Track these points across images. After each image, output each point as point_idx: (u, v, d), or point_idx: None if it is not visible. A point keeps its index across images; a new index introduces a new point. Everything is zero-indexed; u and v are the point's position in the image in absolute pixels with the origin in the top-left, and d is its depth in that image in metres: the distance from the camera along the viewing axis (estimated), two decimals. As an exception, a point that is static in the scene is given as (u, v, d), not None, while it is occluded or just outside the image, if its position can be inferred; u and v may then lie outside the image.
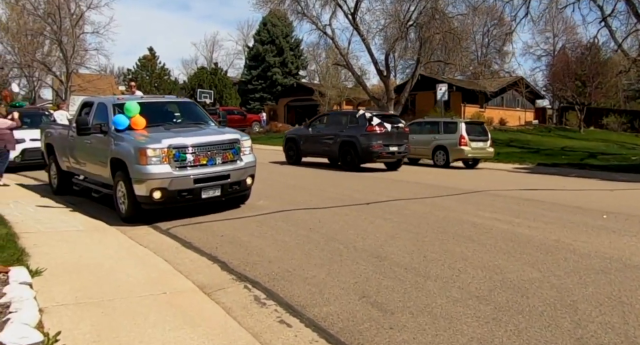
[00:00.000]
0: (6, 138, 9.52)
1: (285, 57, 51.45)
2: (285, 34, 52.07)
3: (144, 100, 8.35)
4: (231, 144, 7.54)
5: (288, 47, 51.97)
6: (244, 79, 53.07)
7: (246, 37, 63.04)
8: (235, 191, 7.56)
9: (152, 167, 6.77)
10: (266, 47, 50.97)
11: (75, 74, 42.35)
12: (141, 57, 44.00)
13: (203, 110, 8.90)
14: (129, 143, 7.05)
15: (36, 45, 41.53)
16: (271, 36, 51.46)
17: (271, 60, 50.83)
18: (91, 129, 7.59)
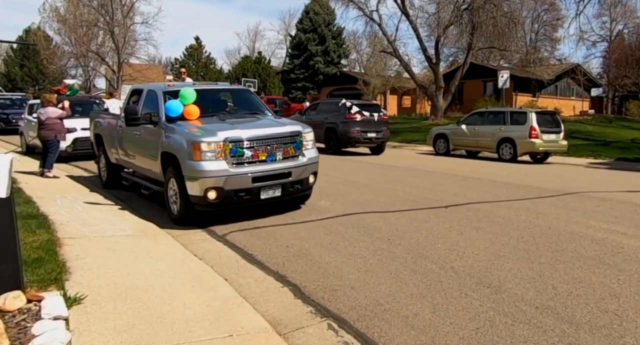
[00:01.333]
0: (56, 128, 8.82)
1: (328, 46, 49.99)
2: (328, 22, 50.54)
3: (197, 87, 7.40)
4: (292, 137, 6.46)
5: (330, 36, 50.47)
6: (286, 68, 52.10)
7: (288, 27, 61.96)
8: (296, 191, 6.49)
9: (206, 163, 5.80)
10: (308, 36, 49.66)
11: (126, 64, 42.73)
12: (187, 46, 43.74)
13: (259, 99, 7.85)
14: (181, 135, 6.09)
15: (91, 36, 41.97)
16: (313, 24, 50.07)
17: (313, 49, 49.51)
18: (140, 119, 6.69)
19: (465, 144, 14.03)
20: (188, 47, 43.83)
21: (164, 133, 6.41)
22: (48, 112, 8.76)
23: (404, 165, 11.60)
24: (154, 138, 6.60)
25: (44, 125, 8.74)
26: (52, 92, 10.20)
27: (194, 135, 5.93)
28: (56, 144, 8.87)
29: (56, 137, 8.81)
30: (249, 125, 6.51)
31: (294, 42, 50.92)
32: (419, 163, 12.24)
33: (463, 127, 14.01)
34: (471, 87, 32.04)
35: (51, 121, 8.74)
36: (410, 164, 12.04)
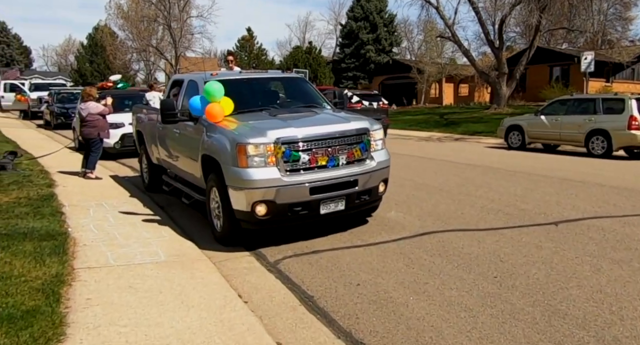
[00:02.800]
0: (99, 125, 7.85)
1: (379, 34, 47.70)
2: (379, 9, 48.17)
3: (242, 76, 6.10)
4: (359, 136, 5.02)
5: (382, 23, 48.10)
6: (336, 57, 50.36)
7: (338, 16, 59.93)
8: (363, 203, 5.07)
9: (254, 170, 4.50)
10: (359, 24, 47.58)
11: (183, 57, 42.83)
12: (240, 38, 43.06)
13: (315, 89, 6.45)
14: (223, 135, 4.82)
15: (151, 31, 42.34)
16: (365, 12, 47.90)
17: (364, 37, 47.39)
18: (177, 115, 5.50)
19: (546, 137, 11.95)
20: (240, 39, 43.18)
21: (205, 131, 5.17)
22: (89, 108, 7.82)
23: (477, 163, 9.83)
24: (195, 137, 5.39)
25: (85, 122, 7.82)
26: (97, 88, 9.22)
27: (238, 135, 4.64)
28: (99, 143, 7.93)
29: (99, 135, 7.87)
30: (306, 121, 5.13)
31: (344, 30, 49.01)
32: (493, 159, 10.41)
33: (542, 117, 11.93)
34: (535, 72, 28.98)
35: (92, 117, 7.80)
36: (483, 160, 10.24)
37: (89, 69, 55.19)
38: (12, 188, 6.40)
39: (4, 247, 3.96)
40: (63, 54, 71.53)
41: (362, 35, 47.63)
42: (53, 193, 6.30)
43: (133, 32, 41.56)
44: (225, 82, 5.86)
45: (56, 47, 73.69)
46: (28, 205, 5.51)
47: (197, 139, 5.32)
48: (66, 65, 67.60)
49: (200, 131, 5.26)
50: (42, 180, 7.09)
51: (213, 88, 5.13)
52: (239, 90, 5.97)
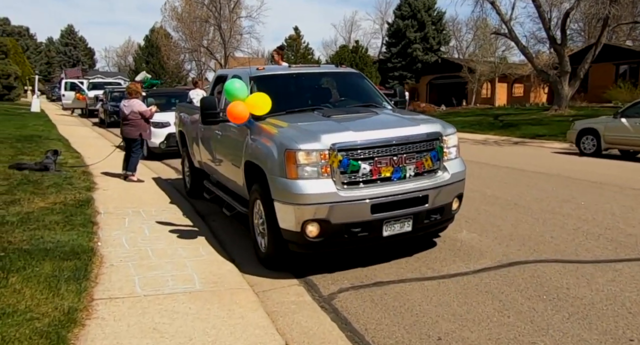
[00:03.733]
0: (141, 125, 7.38)
1: (427, 32, 45.88)
2: (428, 6, 46.34)
3: (291, 70, 5.31)
4: (430, 142, 4.09)
5: (430, 21, 46.25)
6: (382, 57, 49.00)
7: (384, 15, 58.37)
8: (433, 223, 4.13)
9: (305, 182, 3.69)
10: (407, 22, 45.97)
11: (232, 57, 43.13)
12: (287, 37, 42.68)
13: (374, 86, 5.56)
14: (269, 139, 4.05)
15: (202, 32, 42.93)
16: (412, 10, 46.21)
17: (412, 35, 45.72)
18: (219, 114, 4.78)
19: (628, 143, 10.38)
20: (287, 38, 42.80)
21: (249, 134, 4.43)
22: (133, 106, 7.31)
23: (550, 171, 8.54)
24: (237, 140, 4.66)
25: (127, 120, 7.32)
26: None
27: (287, 140, 3.84)
28: (140, 144, 7.41)
29: (140, 136, 7.36)
30: (366, 124, 4.26)
31: (391, 29, 47.54)
32: (567, 167, 9.06)
33: (623, 120, 10.38)
34: (599, 71, 26.51)
35: (135, 116, 7.29)
36: (556, 168, 8.91)
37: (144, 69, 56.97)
38: (51, 191, 5.97)
39: (20, 268, 3.37)
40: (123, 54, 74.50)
41: (410, 33, 45.94)
42: (90, 198, 5.79)
43: (186, 33, 42.29)
44: (272, 77, 5.13)
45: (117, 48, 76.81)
46: (61, 212, 5.00)
47: (240, 142, 4.58)
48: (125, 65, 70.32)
49: (244, 133, 4.52)
50: (83, 182, 6.65)
51: (232, 87, 4.33)
52: (288, 87, 5.21)
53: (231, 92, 4.34)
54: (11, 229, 4.30)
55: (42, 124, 15.56)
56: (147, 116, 7.32)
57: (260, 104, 4.33)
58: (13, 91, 31.50)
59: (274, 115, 4.49)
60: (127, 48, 72.36)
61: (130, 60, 66.69)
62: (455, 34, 56.94)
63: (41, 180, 6.46)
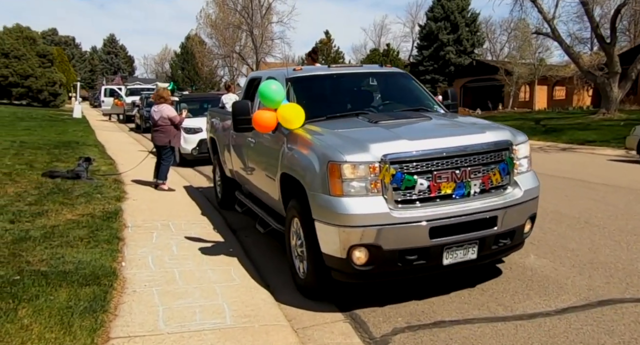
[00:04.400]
0: (171, 131, 6.98)
1: (460, 34, 44.53)
2: (461, 8, 44.98)
3: (331, 71, 4.74)
4: (498, 152, 3.44)
5: (464, 23, 44.88)
6: (414, 60, 47.93)
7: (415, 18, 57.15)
8: (502, 249, 3.47)
9: (351, 200, 3.13)
10: (439, 24, 44.76)
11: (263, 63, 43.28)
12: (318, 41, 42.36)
13: (422, 87, 4.93)
14: (309, 149, 3.51)
15: (235, 38, 43.30)
16: (445, 12, 44.96)
17: (444, 38, 44.47)
18: (252, 121, 4.27)
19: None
20: (318, 42, 42.47)
21: (286, 142, 3.91)
22: (162, 111, 6.96)
23: (617, 182, 7.53)
24: (273, 149, 4.15)
25: (157, 126, 6.98)
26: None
27: (330, 150, 3.29)
28: (170, 151, 7.05)
29: (170, 143, 6.99)
30: (421, 131, 3.66)
31: (423, 32, 46.40)
32: (634, 178, 8.04)
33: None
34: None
35: (164, 122, 6.94)
36: (622, 179, 7.87)
37: (180, 76, 58.08)
38: (80, 201, 5.66)
39: (32, 297, 2.96)
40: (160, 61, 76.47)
41: (442, 36, 44.64)
42: (119, 209, 5.43)
43: (219, 39, 42.77)
44: (310, 78, 4.60)
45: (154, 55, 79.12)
46: (87, 226, 4.63)
47: (275, 151, 4.07)
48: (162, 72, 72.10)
49: (280, 141, 4.00)
50: (113, 191, 6.34)
51: (268, 89, 3.79)
52: (328, 89, 4.67)
53: (266, 95, 3.84)
54: (33, 245, 3.94)
55: (81, 130, 15.70)
56: (177, 122, 6.94)
57: (293, 117, 3.79)
58: (58, 98, 32.55)
59: (313, 121, 3.96)
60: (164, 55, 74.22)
61: (167, 67, 68.30)
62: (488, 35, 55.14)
63: (72, 189, 6.18)
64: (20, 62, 29.54)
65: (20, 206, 5.18)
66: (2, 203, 5.23)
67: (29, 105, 29.97)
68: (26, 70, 29.60)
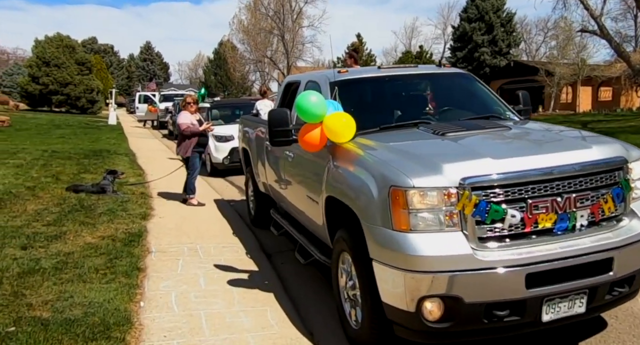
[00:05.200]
0: (182, 140, 6.35)
1: (496, 35, 42.86)
2: (497, 8, 43.31)
3: (382, 72, 3.99)
4: (610, 172, 2.62)
5: (499, 23, 43.19)
6: (447, 62, 46.43)
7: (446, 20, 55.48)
8: (618, 297, 2.64)
9: (421, 237, 2.41)
10: (474, 25, 43.26)
11: (294, 67, 43.04)
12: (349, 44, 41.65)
13: (489, 89, 4.13)
14: (363, 168, 2.80)
15: (266, 43, 43.28)
16: (480, 12, 43.41)
17: (479, 39, 42.91)
18: (291, 132, 3.60)
19: None
20: (349, 46, 41.75)
21: (332, 159, 3.22)
22: (179, 119, 6.45)
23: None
24: (315, 164, 3.47)
25: (181, 134, 6.45)
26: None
27: (391, 171, 2.57)
28: (196, 162, 6.49)
29: (187, 153, 6.43)
30: (505, 145, 2.89)
31: (456, 33, 44.94)
32: None
33: None
34: None
35: (189, 130, 6.40)
36: None
37: (213, 81, 58.71)
38: (102, 220, 5.16)
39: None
40: (194, 68, 77.83)
41: (476, 37, 43.02)
42: (143, 230, 4.89)
43: (251, 44, 42.82)
44: (359, 82, 3.90)
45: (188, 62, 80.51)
46: (106, 252, 4.09)
47: (319, 167, 3.39)
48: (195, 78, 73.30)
49: (324, 157, 3.32)
50: (139, 208, 5.83)
51: (306, 102, 3.13)
52: (380, 95, 3.95)
53: (305, 108, 3.17)
54: (40, 280, 3.41)
55: (114, 137, 15.59)
56: (181, 130, 6.30)
57: (342, 128, 3.10)
58: (95, 105, 33.24)
59: (364, 133, 3.26)
60: (197, 61, 75.51)
61: (200, 73, 69.32)
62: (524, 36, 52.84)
63: (95, 206, 5.71)
64: (60, 70, 30.30)
65: (37, 227, 4.72)
66: (19, 224, 4.79)
67: (67, 112, 30.68)
68: (65, 78, 30.33)
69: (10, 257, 3.81)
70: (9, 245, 4.11)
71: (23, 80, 31.40)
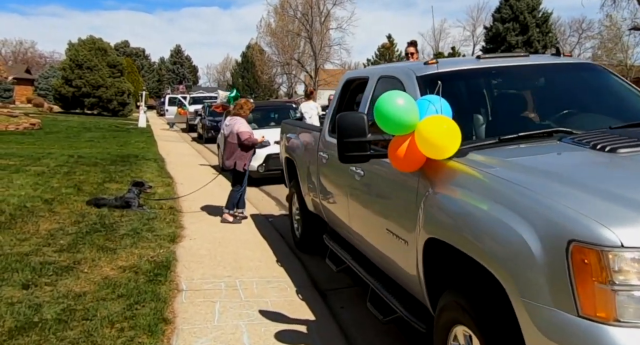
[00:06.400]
0: (237, 152, 5.52)
1: (531, 36, 41.00)
2: (532, 7, 41.41)
3: (485, 63, 2.91)
4: None
5: (534, 24, 41.29)
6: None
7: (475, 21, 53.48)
8: None
9: (636, 335, 1.36)
10: (507, 26, 41.49)
11: (322, 69, 42.28)
12: (380, 45, 40.46)
13: (631, 86, 3.01)
14: (501, 202, 1.78)
15: (294, 46, 42.71)
16: (514, 12, 41.59)
17: (513, 40, 41.08)
18: (369, 146, 2.58)
19: None
20: (380, 47, 40.58)
21: (430, 183, 2.21)
22: (235, 125, 5.58)
23: None
24: (400, 187, 2.48)
25: (226, 144, 5.59)
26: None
27: (564, 213, 1.54)
28: (242, 175, 5.62)
29: (235, 166, 5.55)
30: None
31: (489, 34, 43.16)
32: None
33: None
34: None
35: (234, 139, 5.54)
36: None
37: (240, 84, 58.54)
38: (125, 243, 4.31)
39: None
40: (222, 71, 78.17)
41: (510, 38, 41.07)
42: (172, 258, 4.00)
43: (278, 46, 42.29)
44: (457, 76, 2.86)
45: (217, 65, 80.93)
46: (126, 294, 3.20)
47: (405, 191, 2.41)
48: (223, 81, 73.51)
49: (415, 177, 2.32)
50: (167, 227, 4.97)
51: (391, 105, 2.21)
52: (488, 94, 2.91)
53: (389, 115, 2.21)
54: (38, 340, 2.53)
55: (143, 141, 15.01)
56: (244, 139, 5.49)
57: (444, 139, 2.12)
58: (126, 107, 33.22)
59: (478, 147, 2.26)
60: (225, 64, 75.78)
61: (228, 76, 69.43)
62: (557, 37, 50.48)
63: (117, 224, 4.88)
64: (92, 72, 30.35)
65: (48, 254, 3.90)
66: (27, 249, 3.98)
67: (99, 114, 30.70)
68: (97, 81, 30.35)
69: (5, 302, 2.97)
70: (9, 282, 3.29)
71: (57, 82, 31.63)
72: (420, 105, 2.31)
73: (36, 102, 33.90)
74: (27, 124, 16.80)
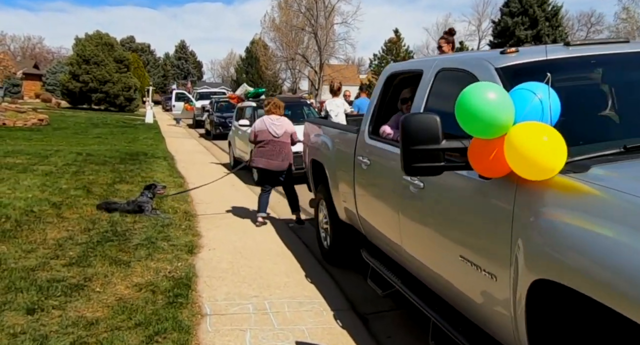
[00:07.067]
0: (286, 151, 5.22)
1: (540, 30, 40.20)
2: (541, 1, 40.58)
3: (577, 52, 2.33)
4: None
5: (543, 17, 40.50)
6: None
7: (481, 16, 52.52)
8: None
9: None
10: (516, 20, 40.74)
11: (327, 65, 41.69)
12: (386, 40, 39.73)
13: None
14: None
15: (298, 41, 42.11)
16: (523, 6, 40.83)
17: (522, 34, 40.37)
18: (444, 155, 2.10)
19: None
20: (387, 42, 39.87)
21: (531, 207, 1.73)
22: (285, 125, 5.22)
23: None
24: (489, 212, 2.00)
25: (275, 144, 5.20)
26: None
27: None
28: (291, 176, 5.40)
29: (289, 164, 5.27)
30: None
31: (497, 28, 42.36)
32: None
33: None
34: None
35: (287, 139, 5.19)
36: None
37: (244, 79, 57.96)
38: (140, 255, 3.88)
39: None
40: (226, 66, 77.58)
41: (519, 32, 40.28)
42: (192, 273, 3.56)
43: (283, 41, 41.67)
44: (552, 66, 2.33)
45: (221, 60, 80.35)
46: (143, 322, 2.76)
47: (496, 213, 1.93)
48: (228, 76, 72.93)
49: (504, 196, 1.86)
50: (183, 234, 4.53)
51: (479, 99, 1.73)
52: (592, 89, 2.43)
53: (478, 112, 1.73)
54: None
55: (151, 138, 14.57)
56: (297, 140, 5.23)
57: (545, 153, 1.64)
58: (133, 102, 32.76)
59: (596, 158, 1.78)
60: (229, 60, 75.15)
61: (232, 71, 68.82)
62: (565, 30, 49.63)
63: (130, 232, 4.44)
64: (99, 68, 29.87)
65: (56, 269, 3.46)
66: (33, 263, 3.54)
67: (106, 110, 30.25)
68: (104, 76, 29.88)
69: (7, 333, 2.53)
70: (12, 305, 2.85)
71: (64, 78, 31.17)
72: (519, 98, 1.80)
73: (44, 97, 33.49)
74: (35, 119, 16.38)
